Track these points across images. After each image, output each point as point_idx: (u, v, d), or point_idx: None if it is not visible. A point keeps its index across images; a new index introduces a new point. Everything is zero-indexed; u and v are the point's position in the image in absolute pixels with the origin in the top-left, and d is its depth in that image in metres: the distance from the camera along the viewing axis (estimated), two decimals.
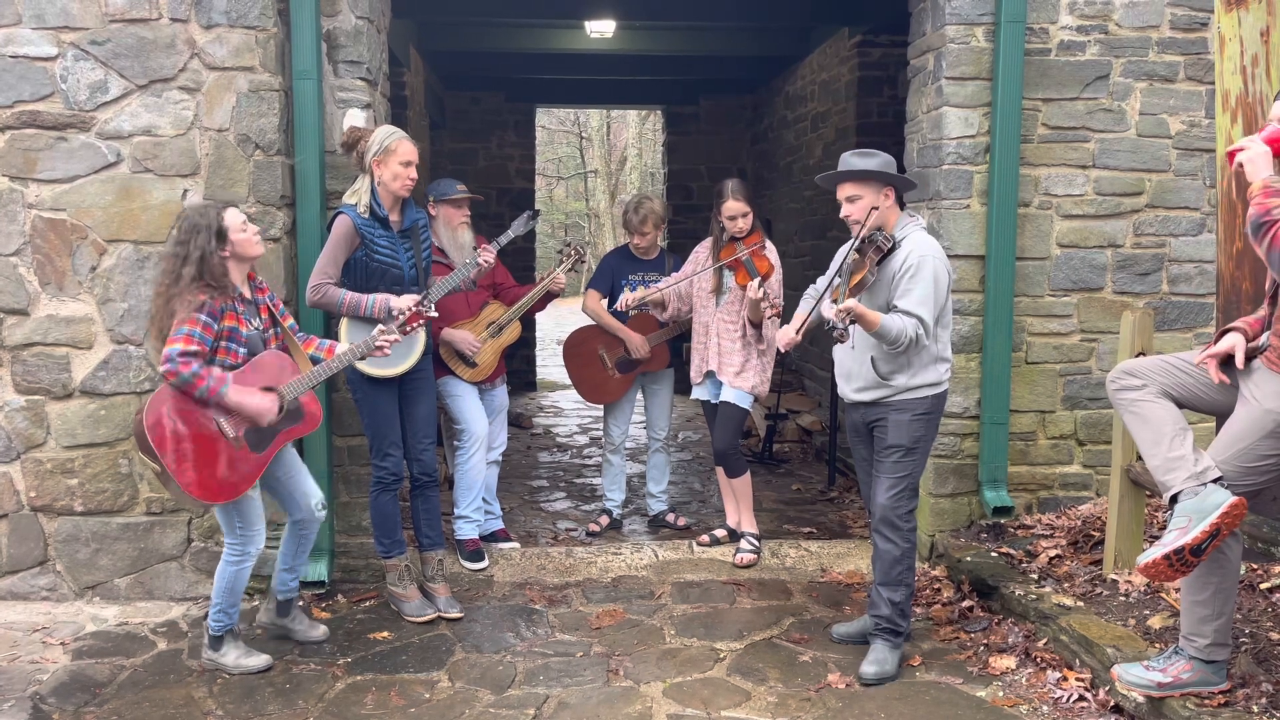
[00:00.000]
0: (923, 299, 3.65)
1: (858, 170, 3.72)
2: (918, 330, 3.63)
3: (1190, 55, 4.80)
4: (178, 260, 3.61)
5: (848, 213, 3.76)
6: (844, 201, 3.77)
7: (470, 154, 10.76)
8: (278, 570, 4.04)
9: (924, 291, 3.65)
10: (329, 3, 4.47)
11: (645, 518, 5.79)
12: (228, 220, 3.66)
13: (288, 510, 3.97)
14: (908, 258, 3.68)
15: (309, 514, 3.94)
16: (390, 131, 4.12)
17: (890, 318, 3.62)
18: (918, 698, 3.60)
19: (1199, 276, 4.91)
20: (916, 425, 3.79)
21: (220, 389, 3.55)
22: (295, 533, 3.98)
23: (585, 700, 3.61)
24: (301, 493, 3.93)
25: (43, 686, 3.70)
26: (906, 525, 3.81)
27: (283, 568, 4.03)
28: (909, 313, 3.63)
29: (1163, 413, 3.11)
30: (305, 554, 4.05)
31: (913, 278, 3.66)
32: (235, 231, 3.67)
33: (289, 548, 4.01)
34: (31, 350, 4.41)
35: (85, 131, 4.35)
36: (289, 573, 4.04)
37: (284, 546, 4.01)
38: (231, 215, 3.69)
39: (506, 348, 5.09)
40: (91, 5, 4.30)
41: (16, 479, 4.46)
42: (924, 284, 3.65)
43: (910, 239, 3.73)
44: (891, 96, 7.53)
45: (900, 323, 3.61)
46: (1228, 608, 3.09)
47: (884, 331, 3.60)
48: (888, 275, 3.71)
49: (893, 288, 3.70)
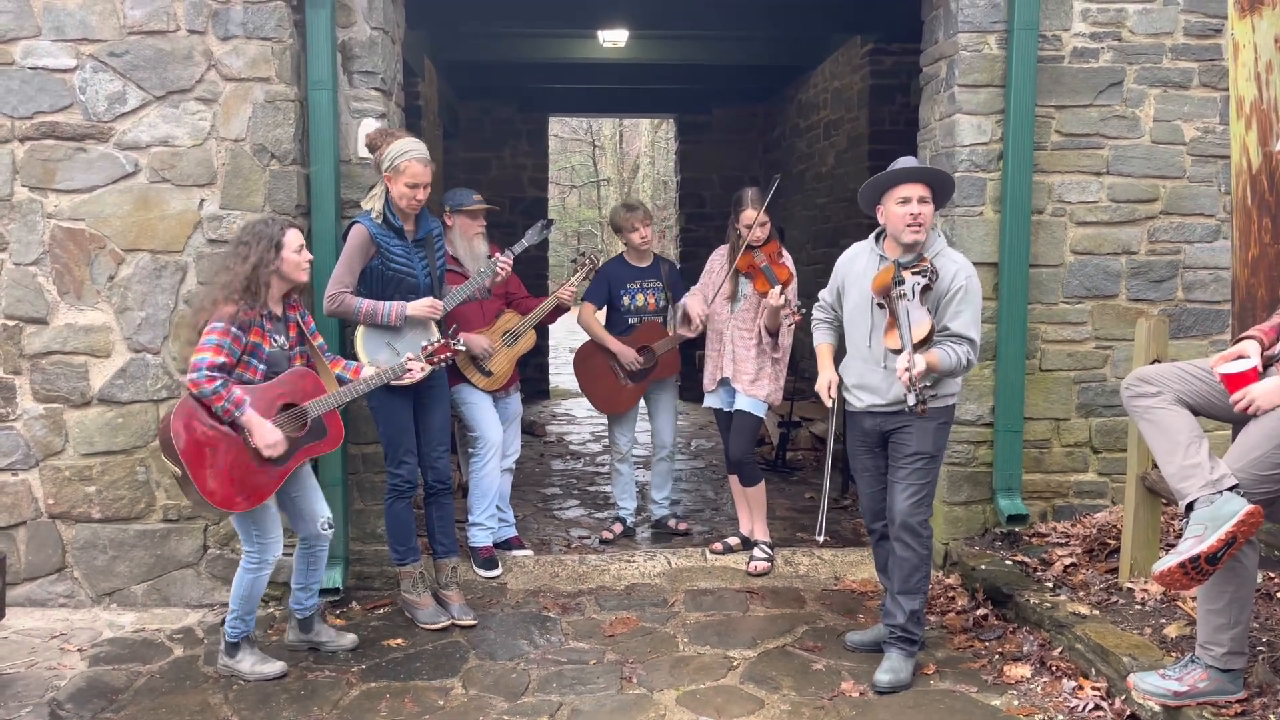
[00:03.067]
0: (973, 320, 3.68)
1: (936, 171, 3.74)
2: (969, 356, 3.66)
3: (1204, 62, 4.79)
4: (237, 259, 3.69)
5: (918, 213, 3.65)
6: (915, 201, 3.65)
7: (484, 163, 10.81)
8: (293, 591, 4.06)
9: (974, 313, 3.69)
10: (344, 14, 4.51)
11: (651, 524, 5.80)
12: (288, 237, 3.73)
13: (295, 528, 4.00)
14: (955, 277, 3.67)
15: (316, 532, 3.97)
16: (404, 151, 4.07)
17: (946, 354, 3.61)
18: (932, 706, 3.59)
19: (1214, 283, 4.88)
20: (941, 433, 3.81)
21: (235, 412, 3.58)
22: (304, 551, 4.01)
23: (598, 708, 3.62)
24: (311, 512, 3.95)
25: (60, 693, 3.73)
26: (925, 532, 3.81)
27: (297, 587, 4.05)
28: (962, 336, 3.65)
29: (1178, 420, 3.09)
30: (318, 573, 4.06)
31: (963, 299, 3.66)
32: (289, 249, 3.73)
33: (300, 566, 4.02)
34: (50, 359, 4.45)
35: (104, 142, 4.39)
36: (304, 592, 4.05)
37: (295, 566, 4.03)
38: (292, 235, 3.76)
39: (520, 356, 5.11)
40: (110, 17, 4.35)
41: (35, 486, 4.49)
42: (973, 306, 3.69)
43: (945, 256, 3.74)
44: (904, 104, 7.53)
45: (955, 356, 3.62)
46: (1244, 616, 3.07)
47: (944, 369, 3.61)
48: (933, 298, 3.67)
49: (941, 310, 3.68)
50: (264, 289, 3.68)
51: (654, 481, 5.73)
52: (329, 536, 4.01)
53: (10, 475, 4.48)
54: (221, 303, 3.63)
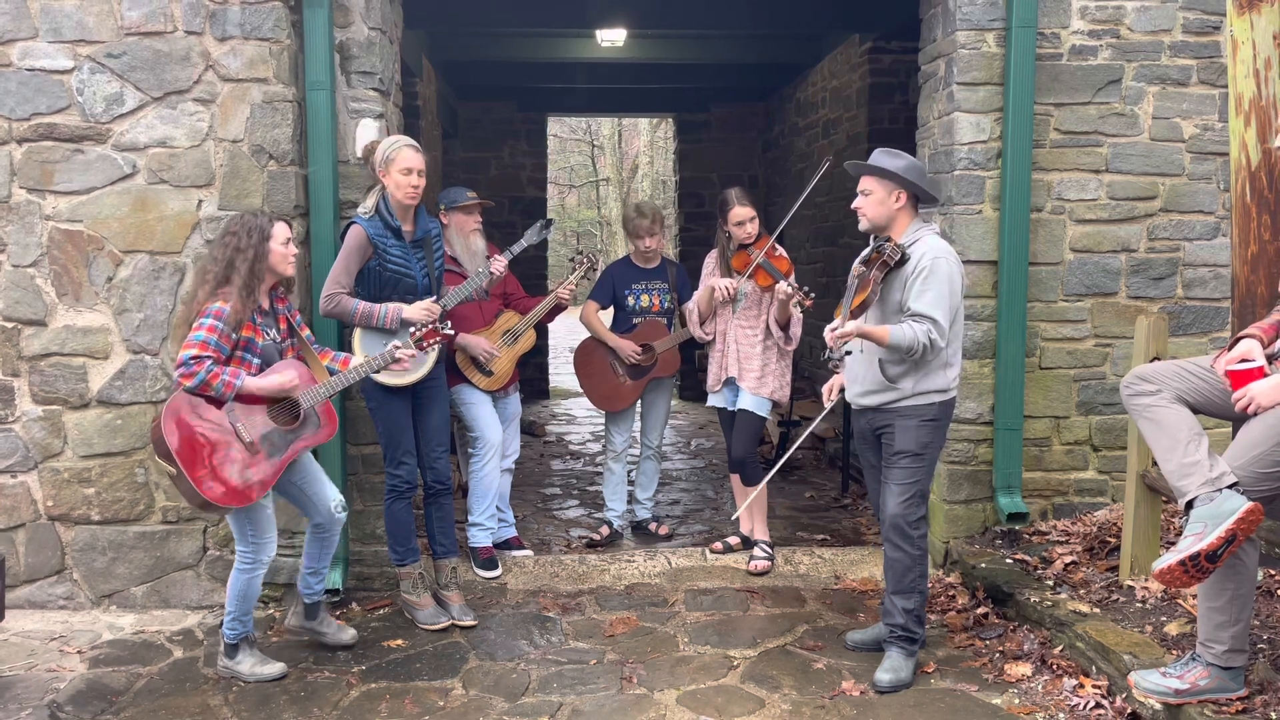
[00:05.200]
0: (936, 301, 3.63)
1: (877, 167, 3.75)
2: (930, 336, 3.61)
3: (1203, 59, 4.79)
4: (222, 248, 3.70)
5: (857, 204, 3.84)
6: (859, 194, 3.84)
7: (483, 163, 10.81)
8: (302, 573, 4.06)
9: (938, 293, 3.64)
10: (342, 14, 4.50)
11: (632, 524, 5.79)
12: (275, 230, 3.74)
13: (307, 514, 3.99)
14: (920, 259, 3.67)
15: (328, 516, 3.96)
16: (392, 141, 4.15)
17: (900, 328, 3.61)
18: (933, 705, 3.59)
19: (1214, 281, 4.88)
20: (924, 431, 3.78)
21: (235, 382, 3.59)
22: (316, 535, 4.00)
23: (599, 708, 3.61)
24: (320, 496, 3.94)
25: (60, 695, 3.73)
26: (916, 532, 3.80)
27: (307, 570, 4.04)
28: (922, 314, 3.62)
29: (1177, 418, 3.09)
30: (329, 556, 4.06)
31: (926, 279, 3.64)
32: (276, 242, 3.74)
33: (312, 549, 4.02)
34: (49, 360, 4.45)
35: (101, 143, 4.39)
36: (314, 575, 4.05)
37: (307, 549, 4.03)
38: (280, 228, 3.77)
39: (520, 356, 5.11)
40: (107, 19, 4.35)
41: (34, 488, 4.49)
42: (938, 286, 3.64)
43: (921, 243, 3.73)
44: (903, 103, 7.53)
45: (911, 332, 3.60)
46: (1245, 614, 3.06)
47: (896, 344, 3.61)
48: (900, 279, 3.71)
49: (906, 290, 3.69)
50: (248, 280, 3.67)
51: (639, 481, 5.72)
52: (343, 519, 4.00)
53: (9, 477, 4.48)
54: (206, 296, 3.63)
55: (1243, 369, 2.97)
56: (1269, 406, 2.93)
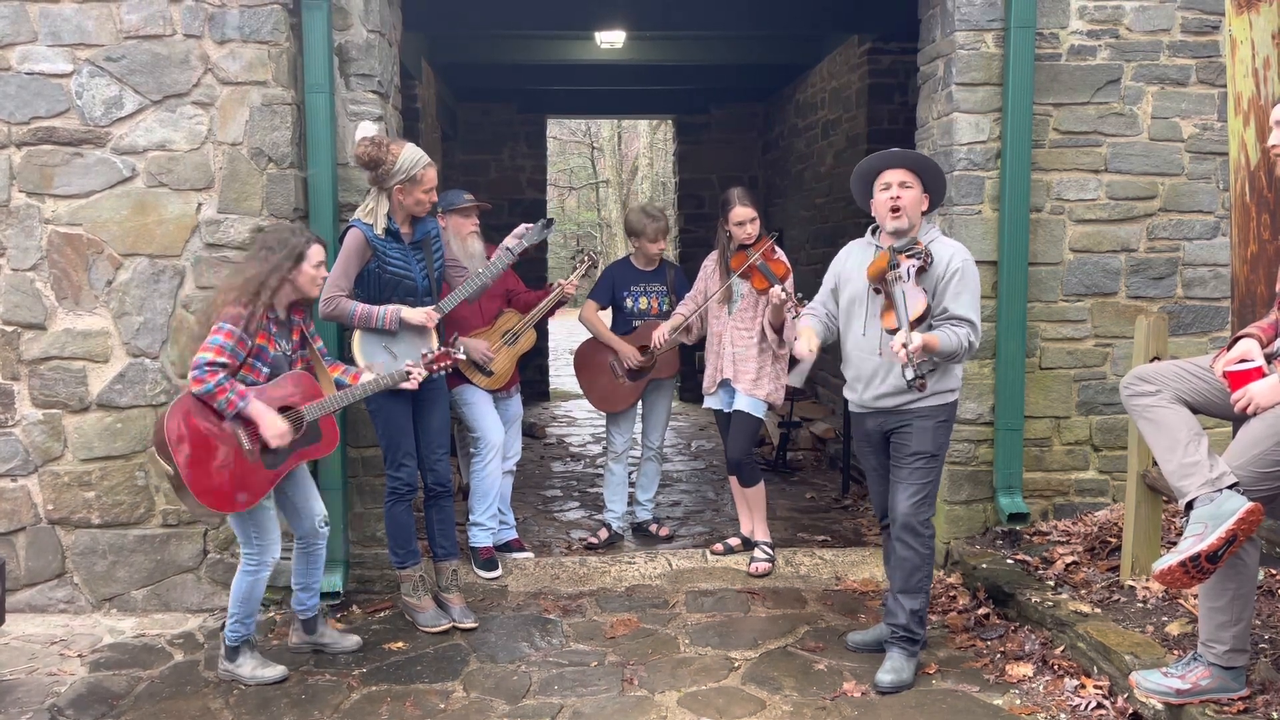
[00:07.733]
0: (972, 303, 3.66)
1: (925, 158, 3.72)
2: (969, 339, 3.63)
3: (1202, 58, 4.79)
4: (256, 262, 3.70)
5: (898, 196, 3.68)
6: (895, 186, 3.69)
7: (482, 165, 10.80)
8: (294, 592, 4.06)
9: (973, 295, 3.67)
10: (341, 17, 4.50)
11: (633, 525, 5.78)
12: (310, 251, 3.74)
13: (292, 526, 4.00)
14: (951, 260, 3.67)
15: (312, 530, 3.97)
16: (417, 160, 4.05)
17: (946, 334, 3.59)
18: (934, 706, 3.59)
19: (1214, 280, 4.88)
20: (941, 432, 3.79)
21: (239, 403, 3.59)
22: (302, 550, 4.01)
23: (600, 710, 3.61)
24: (307, 510, 3.96)
25: (60, 698, 3.73)
26: (927, 532, 3.80)
27: (297, 587, 4.05)
28: (962, 318, 3.63)
29: (1177, 418, 3.09)
30: (317, 571, 4.06)
31: (960, 281, 3.65)
32: (308, 263, 3.74)
33: (299, 565, 4.02)
34: (49, 364, 4.45)
35: (101, 147, 4.39)
36: (305, 592, 4.05)
37: (295, 566, 4.03)
38: (315, 250, 3.77)
39: (520, 357, 5.10)
40: (106, 22, 4.35)
41: (34, 492, 4.49)
42: (971, 288, 3.68)
43: (940, 244, 3.73)
44: (902, 103, 7.52)
45: (957, 336, 3.60)
46: (1246, 614, 3.06)
47: (944, 351, 3.58)
48: (929, 281, 3.68)
49: (940, 291, 3.67)
50: (271, 295, 3.68)
51: (640, 483, 5.72)
52: (325, 534, 4.02)
53: (9, 481, 4.48)
54: (231, 302, 3.63)
55: (1241, 369, 2.97)
56: (1268, 406, 2.93)
